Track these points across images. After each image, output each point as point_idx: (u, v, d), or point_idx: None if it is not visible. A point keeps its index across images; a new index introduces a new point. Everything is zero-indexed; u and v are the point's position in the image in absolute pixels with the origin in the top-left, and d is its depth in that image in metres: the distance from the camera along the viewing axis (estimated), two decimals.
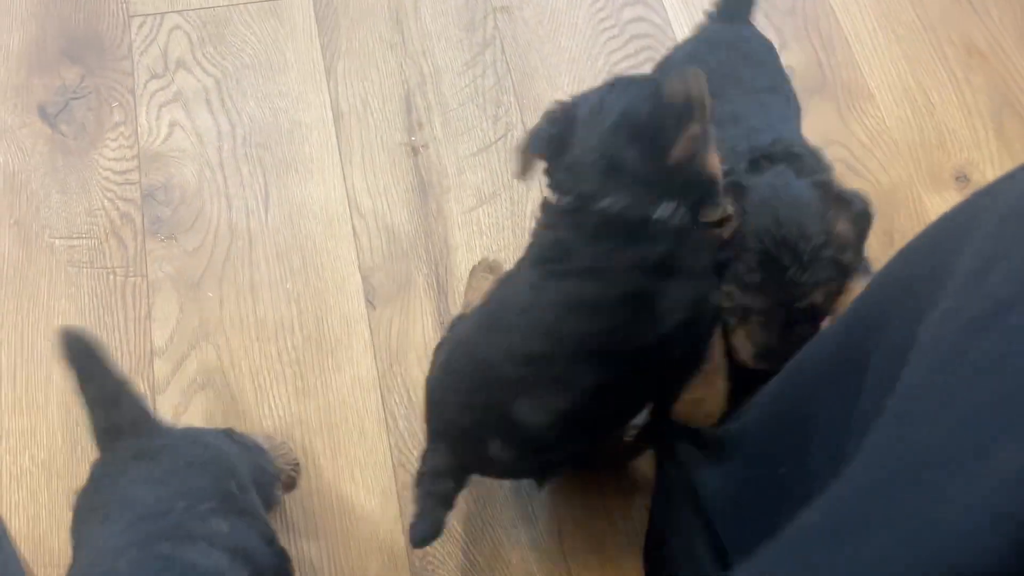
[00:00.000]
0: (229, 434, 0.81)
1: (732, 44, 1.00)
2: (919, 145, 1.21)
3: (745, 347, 0.84)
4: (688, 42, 1.05)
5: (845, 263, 0.81)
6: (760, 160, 0.85)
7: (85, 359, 0.71)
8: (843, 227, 0.81)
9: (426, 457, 0.83)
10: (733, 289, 0.81)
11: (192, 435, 0.77)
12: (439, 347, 0.90)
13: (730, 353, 0.86)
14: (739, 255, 0.79)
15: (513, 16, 1.26)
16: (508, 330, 0.77)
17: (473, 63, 1.23)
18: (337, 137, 1.16)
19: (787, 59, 1.26)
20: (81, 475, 0.94)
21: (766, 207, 0.79)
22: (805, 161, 0.85)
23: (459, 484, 0.82)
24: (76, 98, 1.16)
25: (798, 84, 1.24)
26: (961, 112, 1.23)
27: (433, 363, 0.88)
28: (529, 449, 0.79)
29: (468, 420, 0.79)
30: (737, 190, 0.80)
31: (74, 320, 1.02)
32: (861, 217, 0.82)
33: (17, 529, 0.92)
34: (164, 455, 0.70)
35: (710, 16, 1.06)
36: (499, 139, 1.18)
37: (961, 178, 1.18)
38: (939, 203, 1.15)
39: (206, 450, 0.73)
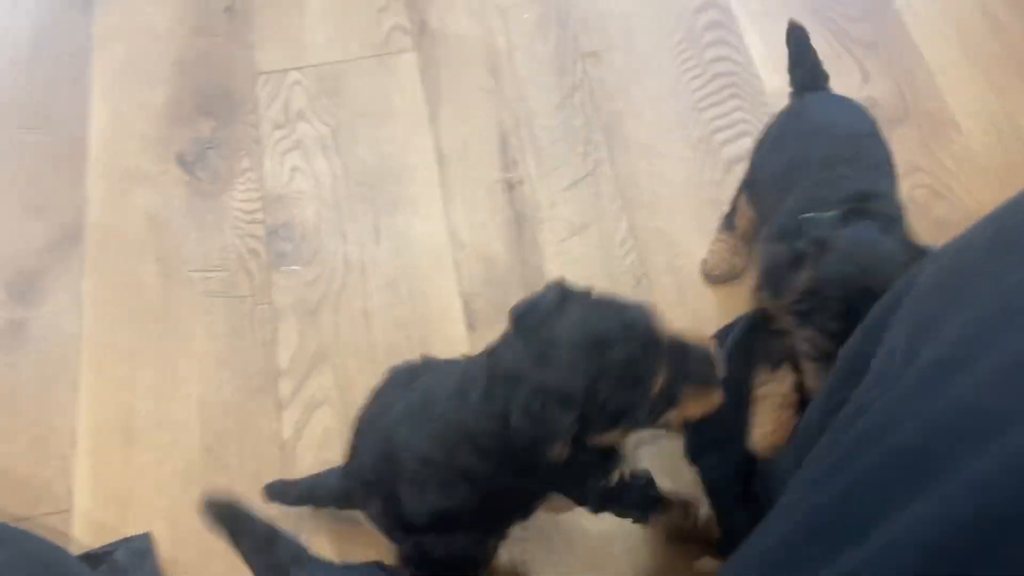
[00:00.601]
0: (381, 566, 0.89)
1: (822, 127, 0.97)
2: (1007, 169, 1.22)
3: (818, 384, 0.86)
4: (780, 118, 1.04)
5: None
6: (851, 213, 0.86)
7: (230, 518, 0.80)
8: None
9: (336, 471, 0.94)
10: (815, 335, 0.83)
11: (346, 565, 0.85)
12: (381, 388, 0.94)
13: (801, 387, 0.89)
14: (822, 303, 0.80)
15: (601, 60, 1.35)
16: (419, 427, 0.82)
17: (563, 105, 1.31)
18: (440, 176, 1.26)
19: (869, 91, 1.30)
20: (215, 484, 1.05)
21: (851, 258, 0.80)
22: (897, 224, 0.86)
23: (337, 505, 0.94)
24: (210, 147, 1.30)
25: (881, 115, 1.27)
26: None
27: (371, 399, 0.93)
28: (399, 525, 0.86)
29: (368, 473, 0.86)
30: (818, 244, 0.82)
31: (209, 344, 1.14)
32: None
33: (160, 532, 1.03)
34: None
35: (792, 93, 1.05)
36: (589, 174, 1.25)
37: None
38: None
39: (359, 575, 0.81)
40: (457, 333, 1.14)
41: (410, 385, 0.89)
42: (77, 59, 1.39)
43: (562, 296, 0.74)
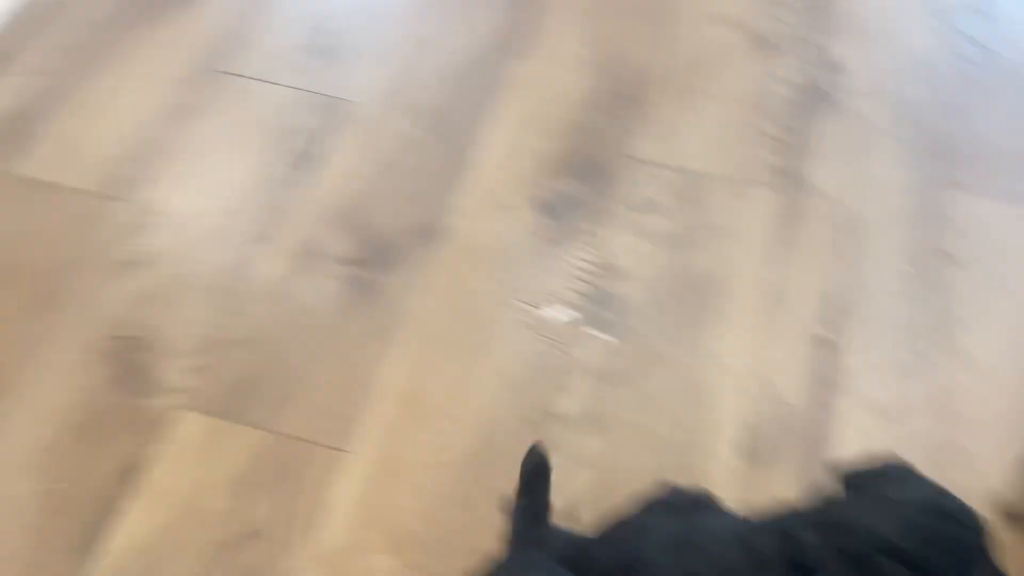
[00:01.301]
0: None
1: None
2: None
3: None
4: None
5: None
6: None
7: (537, 475, 0.88)
8: None
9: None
10: None
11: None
12: (651, 501, 0.94)
13: None
14: None
15: (959, 267, 1.35)
16: (674, 563, 0.82)
17: (903, 293, 1.32)
18: (760, 308, 1.31)
19: None
20: (474, 480, 1.14)
21: None
22: None
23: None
24: (569, 204, 1.45)
25: None
26: None
27: (637, 507, 0.94)
28: None
29: (587, 568, 0.85)
30: None
31: (508, 365, 1.26)
32: None
33: (411, 503, 1.13)
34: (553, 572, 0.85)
35: None
36: (912, 372, 1.24)
37: None
38: None
39: None
40: (725, 458, 1.17)
41: (682, 515, 0.91)
42: (493, 92, 1.61)
43: (904, 469, 0.78)
